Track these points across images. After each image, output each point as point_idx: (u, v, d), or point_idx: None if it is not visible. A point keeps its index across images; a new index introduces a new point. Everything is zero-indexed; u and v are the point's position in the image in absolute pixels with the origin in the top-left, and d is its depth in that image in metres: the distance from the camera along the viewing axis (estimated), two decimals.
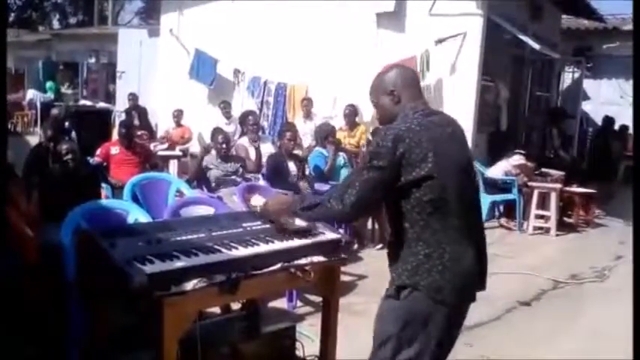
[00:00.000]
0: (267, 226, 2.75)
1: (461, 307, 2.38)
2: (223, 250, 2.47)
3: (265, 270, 2.52)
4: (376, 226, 7.03)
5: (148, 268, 2.17)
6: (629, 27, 13.06)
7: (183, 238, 2.52)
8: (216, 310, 3.60)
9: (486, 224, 8.31)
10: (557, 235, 8.25)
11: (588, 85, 14.03)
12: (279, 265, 2.56)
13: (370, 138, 7.60)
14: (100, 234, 2.33)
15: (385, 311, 2.37)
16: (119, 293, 2.20)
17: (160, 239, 2.43)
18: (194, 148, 10.72)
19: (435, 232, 2.27)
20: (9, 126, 14.36)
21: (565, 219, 8.93)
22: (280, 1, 9.65)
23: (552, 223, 8.28)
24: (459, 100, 8.59)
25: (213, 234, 2.61)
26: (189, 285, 2.25)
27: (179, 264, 2.28)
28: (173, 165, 9.72)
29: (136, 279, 2.08)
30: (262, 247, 2.58)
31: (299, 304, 4.98)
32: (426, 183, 2.24)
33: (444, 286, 2.25)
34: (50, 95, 19.07)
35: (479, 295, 2.44)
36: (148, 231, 2.51)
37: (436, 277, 2.25)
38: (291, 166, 6.62)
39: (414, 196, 2.26)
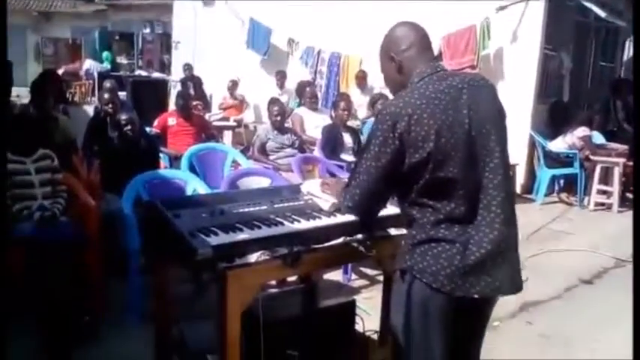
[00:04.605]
0: None
1: (470, 299, 2.02)
2: (285, 222, 2.43)
3: (327, 244, 2.47)
4: None
5: (213, 240, 2.14)
6: None
7: (246, 209, 2.49)
8: (272, 282, 3.61)
9: (546, 199, 8.27)
10: (619, 211, 7.97)
11: None
12: (341, 239, 2.51)
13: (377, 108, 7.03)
14: (163, 204, 2.33)
15: (393, 296, 2.19)
16: (183, 264, 2.20)
17: (222, 211, 2.41)
18: (248, 118, 10.77)
19: (434, 214, 2.01)
20: (67, 96, 14.65)
21: (628, 195, 8.62)
22: None
23: (615, 199, 8.01)
24: (520, 70, 8.35)
25: (275, 206, 2.58)
26: (253, 257, 2.23)
27: (242, 236, 2.25)
28: (227, 135, 9.77)
29: (201, 251, 2.06)
30: (324, 221, 2.54)
31: (353, 276, 4.96)
32: (429, 164, 1.96)
33: (438, 273, 1.99)
34: (107, 65, 19.38)
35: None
36: (210, 202, 2.50)
37: (430, 262, 2.00)
38: (347, 138, 6.54)
39: (415, 178, 2.00)
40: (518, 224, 2.17)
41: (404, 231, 2.57)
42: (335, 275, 4.86)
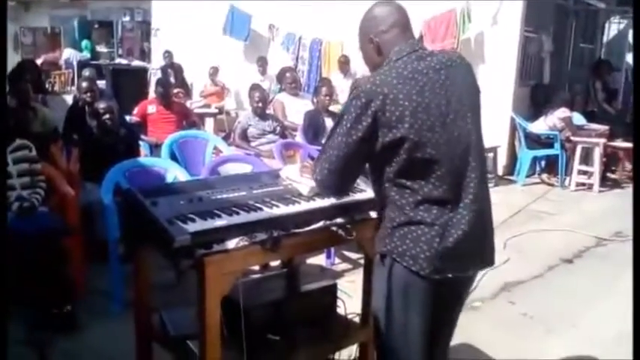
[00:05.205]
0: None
1: (448, 281, 2.02)
2: (264, 208, 2.42)
3: (307, 228, 2.47)
4: None
5: (191, 227, 2.13)
6: None
7: (224, 196, 2.48)
8: (255, 267, 3.60)
9: (527, 180, 8.34)
10: (600, 191, 8.07)
11: None
12: (321, 224, 2.51)
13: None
14: (141, 192, 2.31)
15: (374, 279, 2.19)
16: (162, 251, 2.18)
17: (201, 197, 2.39)
18: (229, 105, 10.72)
19: (413, 195, 2.00)
20: (47, 85, 14.50)
21: (608, 175, 8.74)
22: None
23: (595, 179, 8.10)
24: (501, 53, 8.38)
25: (254, 192, 2.56)
26: (232, 243, 2.21)
27: (221, 222, 2.24)
28: (209, 122, 9.73)
29: (179, 238, 2.05)
30: (303, 205, 2.53)
31: (337, 260, 4.98)
32: (404, 145, 1.95)
33: (417, 256, 1.98)
34: (86, 54, 19.16)
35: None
36: (188, 189, 2.48)
37: (410, 245, 1.99)
38: (329, 123, 6.53)
39: (391, 158, 1.99)
40: (496, 204, 2.20)
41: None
42: (319, 260, 4.88)
